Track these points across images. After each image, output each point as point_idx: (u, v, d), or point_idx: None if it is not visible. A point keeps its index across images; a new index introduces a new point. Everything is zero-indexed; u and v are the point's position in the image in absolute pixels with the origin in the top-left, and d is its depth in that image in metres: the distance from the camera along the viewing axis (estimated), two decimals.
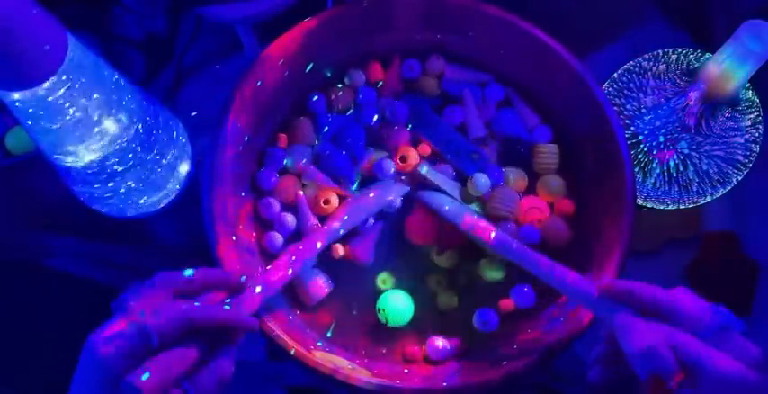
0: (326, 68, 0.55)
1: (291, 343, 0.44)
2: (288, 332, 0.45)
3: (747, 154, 0.53)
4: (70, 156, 0.45)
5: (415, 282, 0.51)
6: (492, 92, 0.55)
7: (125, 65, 0.63)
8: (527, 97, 0.55)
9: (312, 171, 0.52)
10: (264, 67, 0.50)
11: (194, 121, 0.58)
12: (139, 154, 0.48)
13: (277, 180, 0.52)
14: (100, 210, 0.54)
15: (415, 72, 0.56)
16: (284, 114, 0.54)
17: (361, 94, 0.55)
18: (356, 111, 0.55)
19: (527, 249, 0.45)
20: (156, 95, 0.53)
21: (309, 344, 0.46)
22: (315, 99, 0.54)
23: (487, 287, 0.51)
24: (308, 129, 0.54)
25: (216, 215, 0.46)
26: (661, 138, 0.52)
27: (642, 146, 0.53)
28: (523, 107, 0.55)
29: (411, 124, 0.54)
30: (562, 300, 0.48)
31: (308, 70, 0.53)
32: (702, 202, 0.54)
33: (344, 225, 0.49)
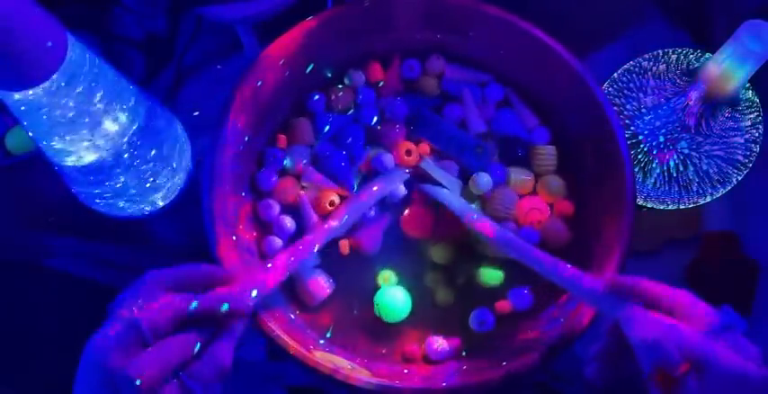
0: (326, 68, 0.55)
1: (291, 343, 0.44)
2: (288, 332, 0.45)
3: (747, 154, 0.53)
4: (70, 157, 0.45)
5: (414, 279, 0.51)
6: (491, 92, 0.55)
7: (125, 65, 0.63)
8: (527, 97, 0.55)
9: (311, 172, 0.52)
10: (264, 67, 0.50)
11: (194, 121, 0.57)
12: (139, 154, 0.48)
13: (276, 181, 0.52)
14: (100, 210, 0.54)
15: (415, 72, 0.56)
16: (284, 114, 0.54)
17: (361, 94, 0.55)
18: (356, 111, 0.55)
19: (529, 246, 0.45)
20: (156, 95, 0.53)
21: (309, 344, 0.46)
22: (315, 99, 0.54)
23: (486, 287, 0.51)
24: (307, 129, 0.54)
25: (216, 215, 0.46)
26: (661, 138, 0.52)
27: (642, 146, 0.53)
28: (523, 108, 0.55)
29: (411, 127, 0.54)
30: (562, 301, 0.48)
31: (308, 71, 0.53)
32: (702, 202, 0.54)
33: (344, 224, 0.49)
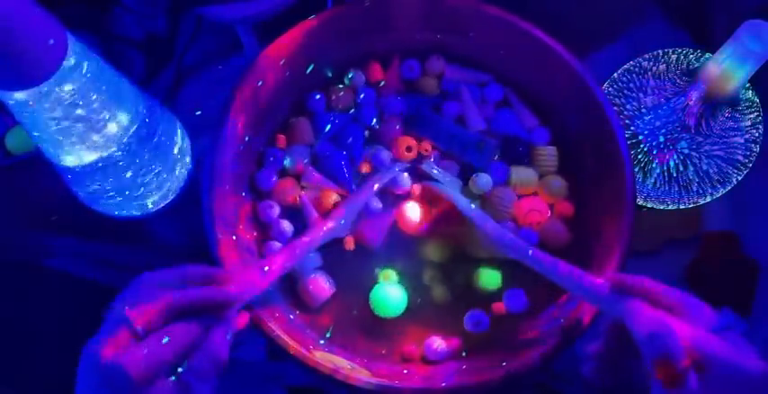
0: (327, 68, 0.55)
1: (291, 343, 0.44)
2: (288, 332, 0.45)
3: (747, 154, 0.53)
4: (70, 157, 0.45)
5: (414, 278, 0.51)
6: (491, 92, 0.55)
7: (125, 65, 0.63)
8: (526, 98, 0.55)
9: (311, 172, 0.52)
10: (264, 67, 0.50)
11: (194, 121, 0.57)
12: (139, 154, 0.48)
13: (276, 181, 0.52)
14: (100, 209, 0.54)
15: (415, 72, 0.56)
16: (284, 114, 0.54)
17: (361, 94, 0.55)
18: (356, 111, 0.55)
19: (529, 245, 0.45)
20: (156, 95, 0.53)
21: (309, 344, 0.46)
22: (317, 98, 0.54)
23: (483, 289, 0.51)
24: (306, 129, 0.54)
25: (216, 215, 0.46)
26: (661, 138, 0.52)
27: (642, 146, 0.53)
28: (522, 108, 0.55)
29: (412, 126, 0.54)
30: (562, 301, 0.48)
31: (308, 71, 0.53)
32: (702, 202, 0.54)
33: (343, 224, 0.48)
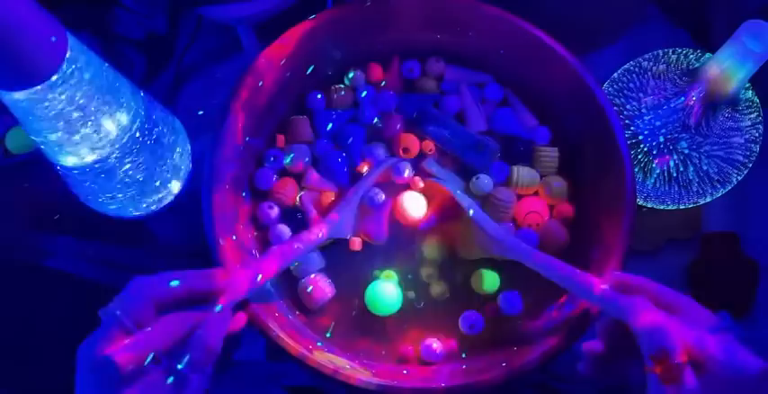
0: (327, 68, 0.55)
1: (292, 343, 0.44)
2: (288, 332, 0.45)
3: (747, 154, 0.53)
4: (70, 156, 0.45)
5: (411, 277, 0.51)
6: (491, 92, 0.55)
7: (125, 65, 0.63)
8: (526, 98, 0.55)
9: (310, 173, 0.52)
10: (264, 67, 0.50)
11: (194, 121, 0.57)
12: (139, 154, 0.48)
13: (275, 181, 0.52)
14: (100, 210, 0.54)
15: (415, 73, 0.56)
16: (284, 114, 0.54)
17: (364, 92, 0.55)
18: (356, 110, 0.55)
19: (527, 246, 0.45)
20: (156, 95, 0.53)
21: (309, 344, 0.46)
22: (318, 98, 0.54)
23: (481, 292, 0.51)
24: (306, 127, 0.54)
25: (216, 215, 0.46)
26: (661, 138, 0.52)
27: (642, 146, 0.53)
28: (522, 109, 0.55)
29: (415, 124, 0.54)
30: (561, 301, 0.48)
31: (308, 72, 0.53)
32: (702, 202, 0.54)
33: (335, 227, 0.48)
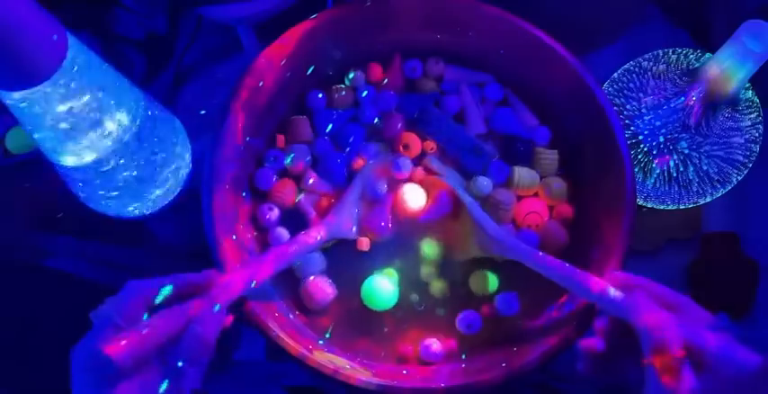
0: (327, 68, 0.55)
1: (292, 343, 0.44)
2: (288, 332, 0.45)
3: (747, 154, 0.53)
4: (70, 156, 0.45)
5: (410, 275, 0.51)
6: (491, 92, 0.55)
7: (125, 65, 0.63)
8: (526, 98, 0.55)
9: (309, 176, 0.52)
10: (264, 67, 0.50)
11: (194, 121, 0.57)
12: (139, 154, 0.48)
13: (275, 181, 0.52)
14: (100, 209, 0.54)
15: (417, 73, 0.56)
16: (284, 114, 0.54)
17: (365, 91, 0.55)
18: (357, 109, 0.55)
19: (527, 246, 0.46)
20: (156, 95, 0.53)
21: (309, 344, 0.46)
22: (320, 97, 0.54)
23: (479, 293, 0.51)
24: (305, 127, 0.54)
25: (216, 215, 0.46)
26: (661, 138, 0.52)
27: (642, 146, 0.53)
28: (522, 108, 0.55)
29: (416, 123, 0.54)
30: (561, 301, 0.48)
31: (308, 72, 0.53)
32: (702, 202, 0.54)
33: (330, 231, 0.48)
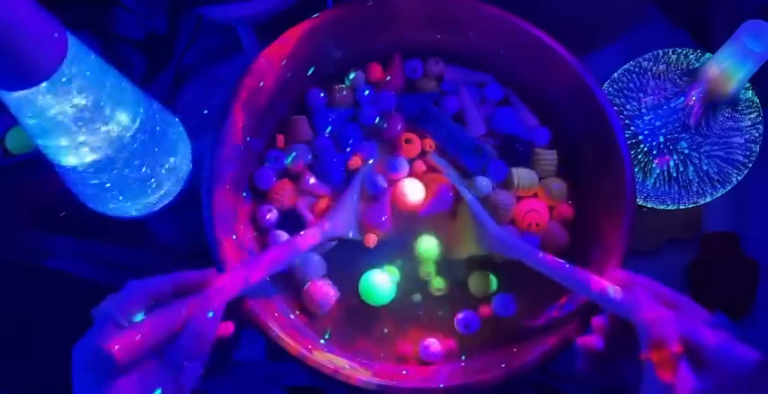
0: (327, 68, 0.55)
1: (292, 343, 0.44)
2: (288, 332, 0.45)
3: (747, 154, 0.53)
4: (70, 156, 0.45)
5: (410, 274, 0.51)
6: (491, 92, 0.55)
7: (125, 65, 0.63)
8: (526, 98, 0.55)
9: (307, 178, 0.52)
10: (264, 67, 0.50)
11: (194, 121, 0.57)
12: (139, 154, 0.48)
13: (275, 181, 0.52)
14: (100, 209, 0.54)
15: (417, 73, 0.56)
16: (284, 114, 0.54)
17: (366, 91, 0.55)
18: (357, 109, 0.55)
19: (529, 246, 0.46)
20: (156, 95, 0.53)
21: (309, 344, 0.46)
22: (321, 96, 0.54)
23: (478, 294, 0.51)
24: (305, 127, 0.54)
25: (216, 215, 0.46)
26: (661, 138, 0.52)
27: (642, 146, 0.53)
28: (522, 108, 0.55)
29: (416, 122, 0.54)
30: (561, 301, 0.48)
31: (309, 73, 0.53)
32: (702, 202, 0.54)
33: (328, 232, 0.48)
